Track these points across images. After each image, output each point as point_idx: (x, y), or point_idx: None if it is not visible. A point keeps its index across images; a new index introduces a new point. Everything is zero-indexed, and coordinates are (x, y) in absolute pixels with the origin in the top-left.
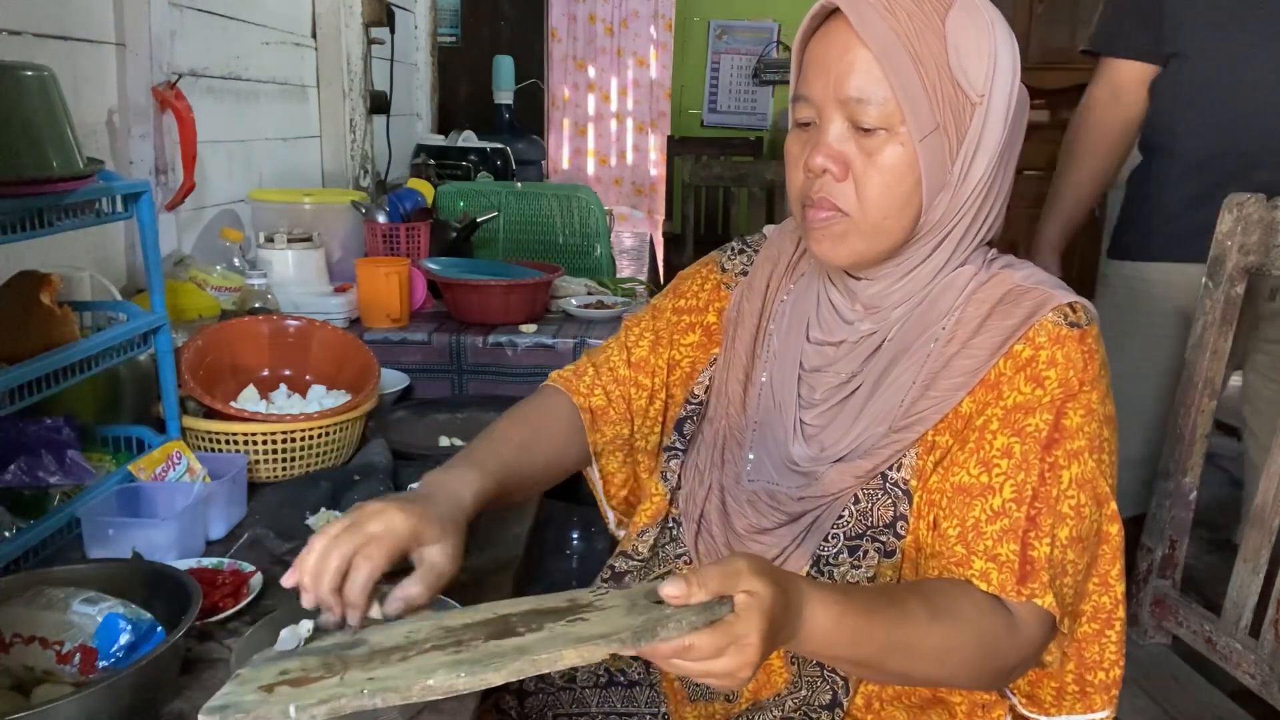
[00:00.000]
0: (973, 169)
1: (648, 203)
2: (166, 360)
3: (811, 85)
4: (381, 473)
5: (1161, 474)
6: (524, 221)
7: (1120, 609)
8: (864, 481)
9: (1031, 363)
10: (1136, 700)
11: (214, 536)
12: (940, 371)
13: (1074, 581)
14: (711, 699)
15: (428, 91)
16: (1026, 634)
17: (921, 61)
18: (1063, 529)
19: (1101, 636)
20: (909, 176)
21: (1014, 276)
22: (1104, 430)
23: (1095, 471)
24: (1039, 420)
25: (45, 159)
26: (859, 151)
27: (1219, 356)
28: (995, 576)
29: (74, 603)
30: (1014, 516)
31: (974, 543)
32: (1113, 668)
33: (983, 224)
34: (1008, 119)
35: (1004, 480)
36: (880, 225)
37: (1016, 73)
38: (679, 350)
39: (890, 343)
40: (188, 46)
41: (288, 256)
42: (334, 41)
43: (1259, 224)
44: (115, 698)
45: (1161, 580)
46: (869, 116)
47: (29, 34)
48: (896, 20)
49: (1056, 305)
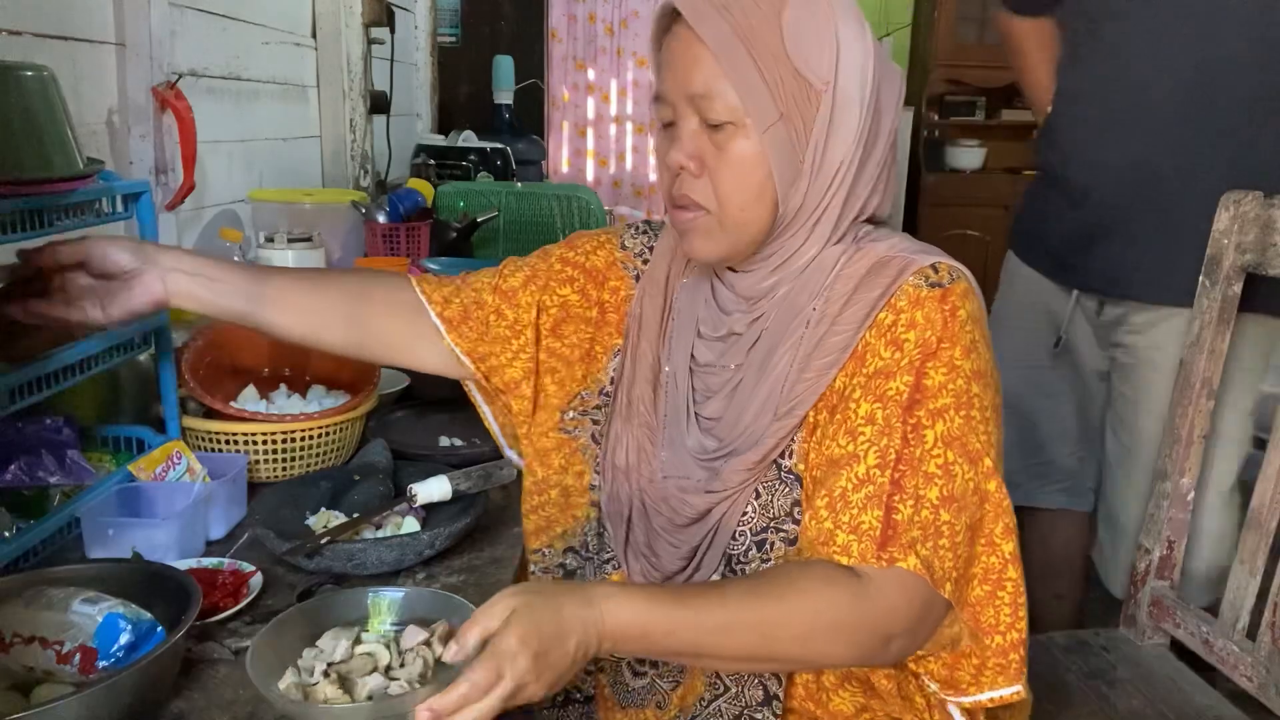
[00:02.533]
0: (828, 155)
1: (647, 204)
2: (166, 360)
3: (665, 84)
4: (381, 473)
5: (1159, 475)
6: (524, 221)
7: (1010, 569)
8: (759, 474)
9: (893, 327)
10: (1134, 701)
11: (214, 536)
12: (812, 352)
13: (952, 543)
14: (642, 705)
15: (428, 91)
16: (886, 601)
17: (758, 54)
18: (931, 489)
19: (994, 599)
20: (760, 168)
21: (879, 249)
22: (972, 386)
23: (964, 428)
24: (899, 383)
25: (45, 159)
26: (711, 147)
27: (1217, 356)
28: (856, 548)
29: (74, 603)
30: (878, 482)
31: (840, 514)
32: (1009, 630)
33: (858, 208)
34: (864, 104)
35: (868, 447)
36: (739, 217)
37: (870, 55)
38: (551, 296)
39: (768, 331)
40: (188, 46)
41: (288, 256)
42: (334, 41)
43: (1255, 222)
44: (115, 698)
45: (1159, 582)
46: (715, 112)
47: (29, 34)
48: (731, 15)
49: (918, 269)
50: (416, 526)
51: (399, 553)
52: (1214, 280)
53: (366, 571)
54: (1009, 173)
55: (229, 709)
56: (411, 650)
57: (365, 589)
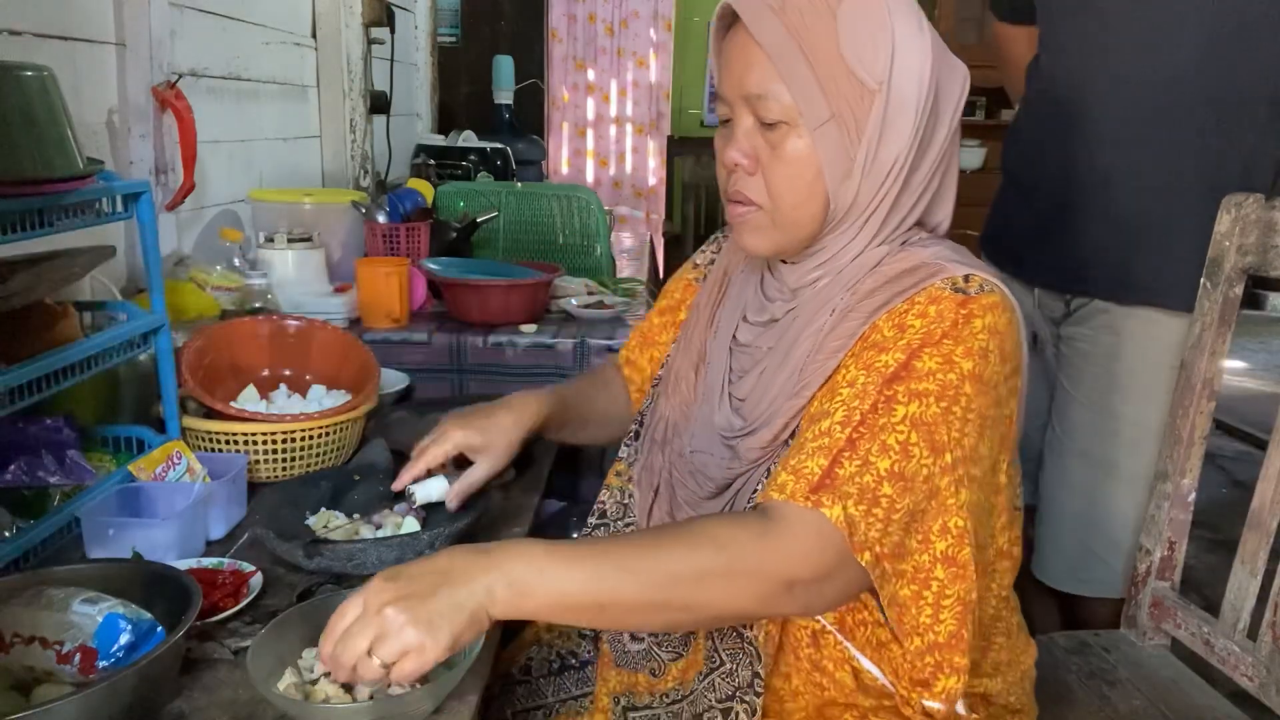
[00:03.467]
0: (881, 155)
1: (647, 205)
2: (166, 360)
3: (723, 84)
4: (381, 473)
5: (1160, 475)
6: (524, 221)
7: (939, 568)
8: (773, 451)
9: (903, 315)
10: (1135, 702)
11: (214, 536)
12: (828, 336)
13: (885, 517)
14: (636, 669)
15: (428, 91)
16: (795, 543)
17: (812, 54)
18: (883, 460)
19: (919, 598)
20: (811, 166)
21: (922, 254)
22: (965, 385)
23: (938, 418)
24: (889, 358)
25: (45, 159)
26: (765, 145)
27: (1217, 357)
28: (791, 486)
29: (74, 603)
30: (835, 437)
31: (790, 458)
32: (927, 633)
33: (911, 208)
34: (920, 103)
35: (839, 406)
36: (791, 215)
37: (928, 55)
38: (659, 350)
39: (797, 318)
40: (188, 46)
41: (288, 256)
42: (334, 41)
43: (1256, 224)
44: (115, 698)
45: (1160, 582)
46: (769, 111)
47: (29, 34)
48: (786, 16)
49: (948, 275)
50: (416, 526)
51: (399, 553)
52: (1215, 282)
53: (366, 571)
54: None
55: (229, 709)
56: None
57: None
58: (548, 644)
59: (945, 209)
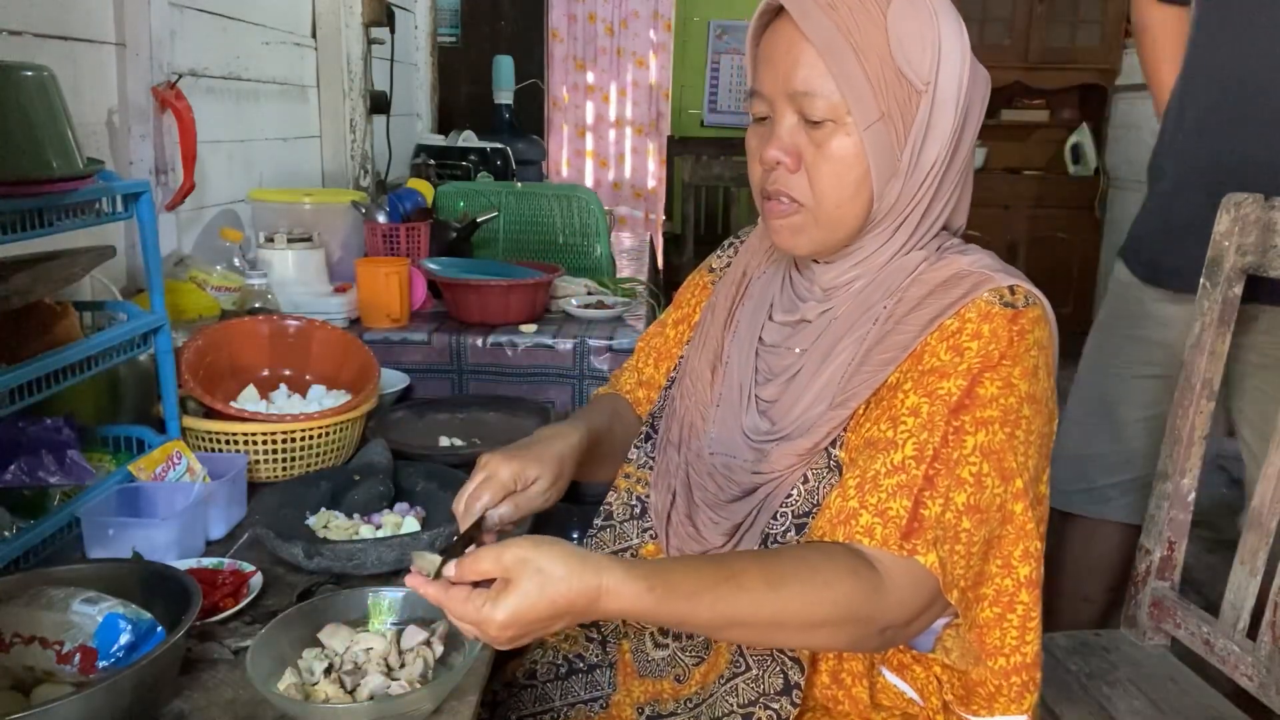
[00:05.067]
0: (923, 155)
1: (647, 206)
2: (166, 360)
3: (763, 81)
4: (381, 473)
5: (1160, 475)
6: (524, 221)
7: (1024, 593)
8: (808, 460)
9: (957, 334)
10: (1135, 701)
11: (214, 536)
12: (874, 348)
13: (966, 551)
14: (660, 676)
15: (428, 91)
16: (898, 594)
17: (863, 53)
18: (959, 494)
19: (1003, 621)
20: (858, 165)
21: (962, 261)
22: (1024, 408)
23: (1005, 444)
24: (952, 385)
25: (45, 159)
26: (809, 143)
27: (1217, 357)
28: (880, 532)
29: (74, 603)
30: (912, 474)
31: (868, 495)
32: (1013, 654)
33: (941, 210)
34: (959, 105)
35: (908, 437)
36: (834, 214)
37: (966, 58)
38: (675, 363)
39: (836, 321)
40: (188, 46)
41: (288, 256)
42: (334, 41)
43: (1256, 224)
44: (115, 698)
45: (1160, 582)
46: (816, 109)
47: (29, 34)
48: (838, 14)
49: (994, 286)
50: (416, 526)
51: (399, 553)
52: (1215, 282)
53: (366, 571)
54: (1009, 172)
55: (229, 709)
56: (411, 650)
57: (365, 589)
58: (553, 648)
59: (965, 211)
